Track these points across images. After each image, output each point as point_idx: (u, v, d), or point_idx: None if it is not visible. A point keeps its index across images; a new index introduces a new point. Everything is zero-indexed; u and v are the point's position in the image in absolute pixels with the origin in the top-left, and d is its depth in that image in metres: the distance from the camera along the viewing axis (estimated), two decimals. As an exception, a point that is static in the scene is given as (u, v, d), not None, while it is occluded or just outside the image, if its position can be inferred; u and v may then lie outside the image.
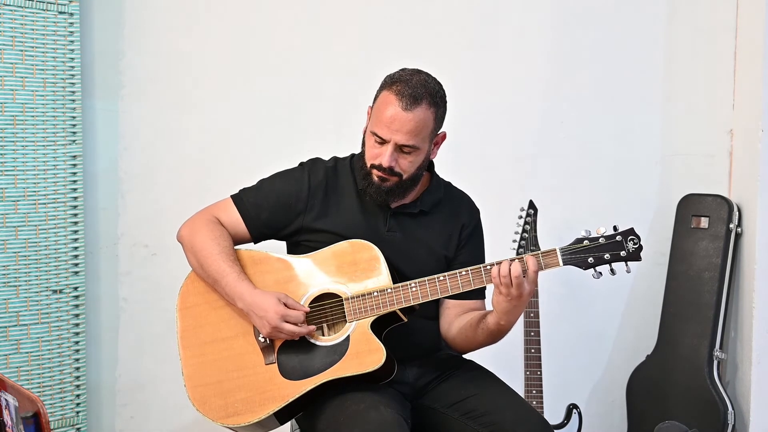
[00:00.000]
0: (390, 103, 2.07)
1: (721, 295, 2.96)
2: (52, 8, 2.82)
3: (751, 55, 2.98)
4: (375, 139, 2.10)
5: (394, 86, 2.09)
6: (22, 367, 2.79)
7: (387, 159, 2.08)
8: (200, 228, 2.17)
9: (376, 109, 2.12)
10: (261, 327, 2.07)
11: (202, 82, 3.08)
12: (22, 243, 2.79)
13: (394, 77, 2.12)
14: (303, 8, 3.09)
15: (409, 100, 2.06)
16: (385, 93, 2.10)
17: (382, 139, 2.09)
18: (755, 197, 2.90)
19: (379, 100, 2.11)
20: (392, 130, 2.07)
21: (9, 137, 2.76)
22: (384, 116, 2.07)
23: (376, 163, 2.11)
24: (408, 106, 2.06)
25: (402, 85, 2.08)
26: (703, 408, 2.91)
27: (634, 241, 2.00)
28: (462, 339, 2.16)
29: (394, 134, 2.07)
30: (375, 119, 2.11)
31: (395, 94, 2.07)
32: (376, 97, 2.15)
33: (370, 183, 2.14)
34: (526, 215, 2.83)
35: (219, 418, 2.08)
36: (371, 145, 2.12)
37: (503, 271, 1.97)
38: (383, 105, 2.09)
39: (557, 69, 3.14)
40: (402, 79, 2.09)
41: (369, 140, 2.13)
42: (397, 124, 2.06)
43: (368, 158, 2.13)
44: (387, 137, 2.08)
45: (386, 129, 2.07)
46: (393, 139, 2.07)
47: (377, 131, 2.09)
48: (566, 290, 3.12)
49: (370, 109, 2.16)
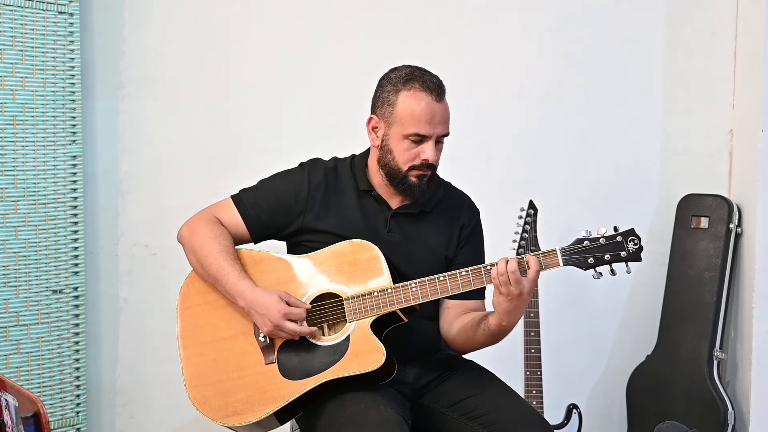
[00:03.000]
0: (422, 100, 2.07)
1: (721, 295, 2.96)
2: (52, 8, 2.82)
3: (751, 55, 2.98)
4: (411, 140, 2.08)
5: (414, 83, 2.08)
6: (22, 367, 2.79)
7: (432, 154, 2.09)
8: (200, 228, 2.17)
9: (401, 112, 2.08)
10: (262, 325, 2.07)
11: (202, 82, 3.08)
12: (22, 243, 2.79)
13: (404, 77, 2.10)
14: (303, 8, 3.09)
15: (437, 90, 2.08)
16: (407, 93, 2.08)
17: (422, 138, 2.08)
18: (755, 197, 2.90)
19: (403, 102, 2.08)
20: (434, 124, 2.08)
21: (9, 137, 2.76)
22: (421, 114, 2.06)
23: (417, 162, 2.10)
24: (438, 96, 2.08)
25: (421, 81, 2.08)
26: (703, 408, 2.91)
27: (634, 242, 2.00)
28: (462, 339, 2.16)
29: (436, 128, 2.08)
30: (407, 121, 2.07)
31: (423, 89, 2.07)
32: (386, 102, 2.11)
33: (410, 186, 2.12)
34: (526, 215, 2.83)
35: (219, 417, 2.08)
36: (404, 148, 2.10)
37: (500, 269, 1.97)
38: (413, 104, 2.07)
39: (557, 69, 3.14)
40: (415, 76, 2.09)
41: (399, 145, 2.10)
42: (438, 117, 2.08)
43: (403, 162, 2.11)
44: (430, 133, 2.08)
45: (427, 125, 2.07)
46: (434, 133, 2.08)
47: (418, 131, 2.07)
48: (566, 290, 3.12)
49: (378, 119, 2.13)
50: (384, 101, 2.12)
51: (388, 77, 2.14)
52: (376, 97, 2.16)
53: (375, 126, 2.15)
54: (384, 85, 2.13)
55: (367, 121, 2.17)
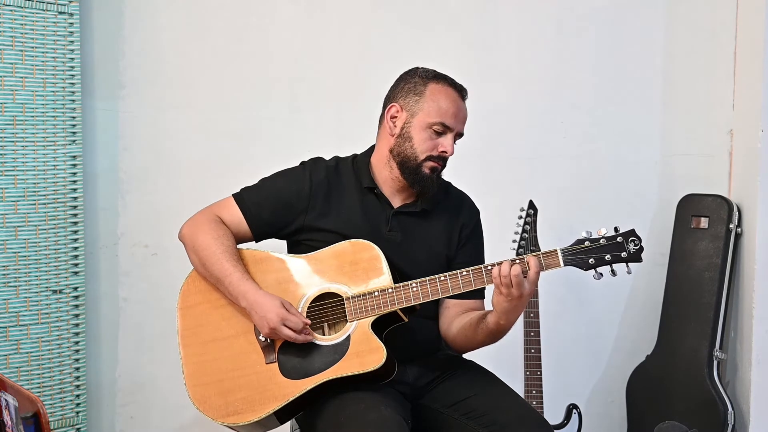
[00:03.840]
0: (450, 95, 2.16)
1: (721, 295, 2.96)
2: (52, 8, 2.82)
3: (751, 55, 2.99)
4: (435, 129, 2.15)
5: (442, 80, 2.18)
6: (22, 367, 2.78)
7: (452, 147, 2.17)
8: (202, 227, 2.17)
9: (429, 101, 2.15)
10: (261, 326, 2.07)
11: (202, 82, 3.07)
12: (22, 243, 2.79)
13: (432, 73, 2.19)
14: (303, 8, 3.09)
15: (463, 91, 2.19)
16: (437, 86, 2.16)
17: (445, 129, 2.15)
18: (755, 197, 2.90)
19: (431, 92, 2.15)
20: (458, 120, 2.16)
21: (9, 137, 2.76)
22: (449, 106, 2.15)
23: (435, 153, 2.16)
24: (464, 97, 2.19)
25: (449, 79, 2.19)
26: (703, 408, 2.91)
27: (635, 242, 2.00)
28: (462, 338, 2.17)
29: (458, 123, 2.17)
30: (434, 110, 2.14)
31: (451, 86, 2.17)
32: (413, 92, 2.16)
33: (422, 177, 2.17)
34: (526, 215, 2.83)
35: (219, 417, 2.08)
36: (425, 137, 2.15)
37: (504, 271, 1.97)
38: (442, 97, 2.15)
39: (557, 69, 3.14)
40: (441, 75, 2.19)
41: (421, 134, 2.15)
42: (462, 114, 2.18)
43: (422, 151, 2.16)
44: (453, 125, 2.16)
45: (453, 119, 2.15)
46: (456, 128, 2.16)
47: (444, 121, 2.14)
48: (566, 290, 3.12)
49: (399, 107, 2.17)
50: (410, 90, 2.18)
51: (415, 71, 2.21)
52: (399, 87, 2.20)
53: (394, 115, 2.19)
54: (409, 78, 2.20)
55: (387, 109, 2.20)
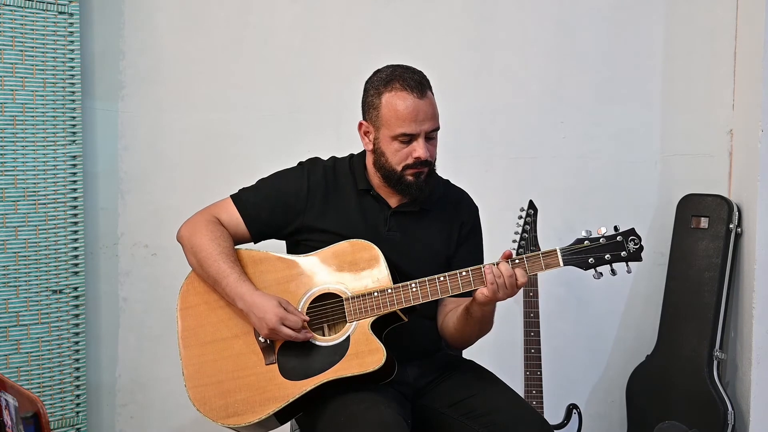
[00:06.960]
0: (403, 99, 2.08)
1: (721, 295, 2.96)
2: (52, 8, 2.82)
3: (751, 55, 2.98)
4: (400, 140, 2.10)
5: (394, 84, 2.10)
6: (22, 367, 2.78)
7: (424, 151, 2.10)
8: (200, 228, 2.17)
9: (386, 114, 2.10)
10: (260, 328, 2.07)
11: (202, 82, 3.08)
12: (22, 243, 2.79)
13: (385, 78, 2.12)
14: (303, 8, 3.09)
15: (419, 88, 2.09)
16: (388, 95, 2.10)
17: (410, 137, 2.09)
18: (755, 197, 2.90)
19: (385, 105, 2.10)
20: (419, 122, 2.09)
21: (9, 137, 2.76)
22: (405, 114, 2.08)
23: (410, 162, 2.11)
24: (420, 93, 2.09)
25: (401, 80, 2.10)
26: (703, 408, 2.91)
27: (634, 242, 2.00)
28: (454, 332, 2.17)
29: (422, 124, 2.09)
30: (393, 122, 2.09)
31: (403, 89, 2.09)
32: (372, 106, 2.13)
33: (408, 185, 2.14)
34: (526, 215, 2.83)
35: (219, 418, 2.08)
36: (394, 150, 2.11)
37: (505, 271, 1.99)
38: (396, 105, 2.09)
39: (557, 69, 3.14)
40: (395, 76, 2.11)
41: (390, 147, 2.12)
42: (422, 114, 2.09)
43: (396, 163, 2.12)
44: (416, 131, 2.09)
45: (413, 124, 2.08)
46: (422, 130, 2.09)
47: (404, 131, 2.09)
48: (566, 290, 3.12)
49: (367, 124, 2.15)
50: (370, 105, 2.14)
51: (371, 81, 2.16)
52: (363, 102, 2.18)
53: (366, 131, 2.18)
54: (368, 90, 2.16)
55: (358, 127, 2.19)
